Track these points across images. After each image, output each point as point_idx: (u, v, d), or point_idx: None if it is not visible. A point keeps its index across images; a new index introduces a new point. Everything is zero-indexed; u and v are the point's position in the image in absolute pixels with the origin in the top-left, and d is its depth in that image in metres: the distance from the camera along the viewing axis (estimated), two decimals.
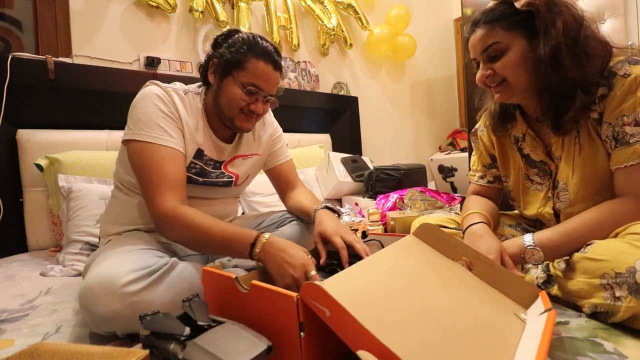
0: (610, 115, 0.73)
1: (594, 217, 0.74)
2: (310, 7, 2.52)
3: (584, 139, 0.79)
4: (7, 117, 1.42)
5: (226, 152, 1.00)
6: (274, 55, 0.91)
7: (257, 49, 0.89)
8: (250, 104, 0.91)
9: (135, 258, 0.72)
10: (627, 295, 0.61)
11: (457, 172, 3.00)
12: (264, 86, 0.90)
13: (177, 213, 0.78)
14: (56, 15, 1.66)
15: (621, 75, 0.72)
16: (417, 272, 0.61)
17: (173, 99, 0.89)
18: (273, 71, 0.91)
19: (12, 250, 1.43)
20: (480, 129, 1.04)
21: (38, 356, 0.41)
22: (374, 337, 0.41)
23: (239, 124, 0.93)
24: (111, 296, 0.64)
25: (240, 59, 0.88)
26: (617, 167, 0.74)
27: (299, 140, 2.44)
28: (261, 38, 0.91)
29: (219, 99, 0.92)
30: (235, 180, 1.01)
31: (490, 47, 0.79)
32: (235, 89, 0.89)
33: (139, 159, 0.83)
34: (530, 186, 0.92)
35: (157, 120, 0.84)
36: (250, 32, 0.93)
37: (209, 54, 0.94)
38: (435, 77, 3.58)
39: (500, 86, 0.82)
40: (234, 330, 0.50)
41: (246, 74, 0.88)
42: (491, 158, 1.02)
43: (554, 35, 0.72)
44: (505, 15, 0.77)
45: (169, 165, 0.82)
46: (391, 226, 1.47)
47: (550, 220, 0.89)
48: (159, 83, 0.90)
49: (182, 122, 0.89)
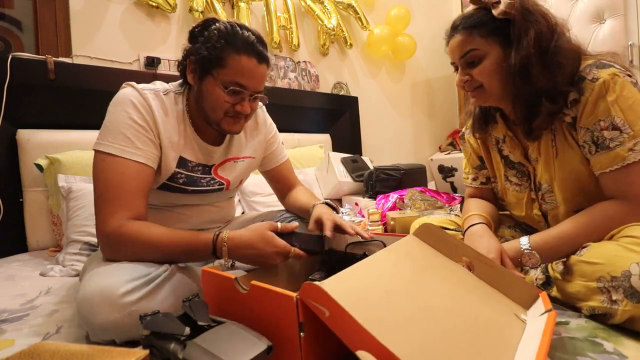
0: (587, 121, 0.74)
1: (587, 220, 0.75)
2: (310, 7, 2.52)
3: (560, 143, 0.80)
4: (7, 117, 1.42)
5: (215, 155, 0.93)
6: (256, 46, 0.81)
7: (236, 41, 0.79)
8: (235, 105, 0.83)
9: (133, 266, 0.70)
10: (623, 299, 0.62)
11: (457, 172, 3.00)
12: (249, 84, 0.81)
13: (122, 231, 0.72)
14: (56, 15, 1.66)
15: (590, 80, 0.73)
16: (417, 272, 0.61)
17: (149, 102, 0.81)
18: (257, 65, 0.81)
19: (12, 250, 1.43)
20: (467, 132, 1.05)
21: (38, 356, 0.41)
22: (373, 338, 0.41)
23: (227, 127, 0.86)
24: (109, 306, 0.63)
25: (218, 56, 0.79)
26: (602, 171, 0.74)
27: (299, 140, 2.44)
28: (241, 27, 0.81)
29: (201, 101, 0.84)
30: (227, 185, 0.97)
31: (468, 54, 0.81)
32: (217, 90, 0.80)
33: (97, 170, 0.77)
34: (509, 187, 0.93)
35: (125, 129, 0.77)
36: (228, 21, 0.82)
37: (186, 49, 0.84)
38: (435, 77, 3.58)
39: (476, 91, 0.84)
40: (234, 330, 0.50)
41: (227, 72, 0.79)
42: (480, 160, 1.03)
43: (525, 46, 0.74)
44: (482, 22, 0.78)
45: (127, 182, 0.75)
46: (391, 226, 1.47)
47: (539, 222, 0.90)
48: (134, 85, 0.83)
49: (157, 131, 0.81)
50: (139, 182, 0.77)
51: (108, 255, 0.75)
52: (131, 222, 0.74)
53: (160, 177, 0.85)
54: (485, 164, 1.01)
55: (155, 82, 0.89)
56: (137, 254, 0.73)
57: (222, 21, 0.82)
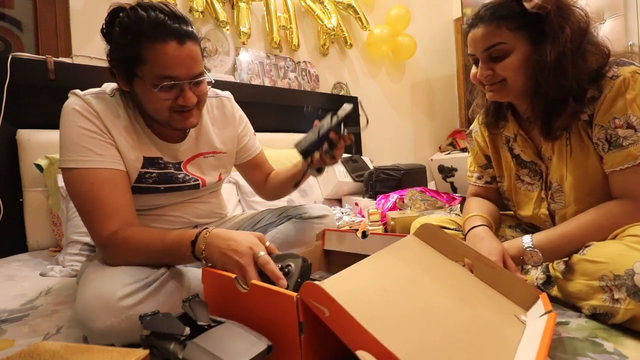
0: (602, 118, 0.73)
1: (592, 219, 0.74)
2: (310, 7, 2.52)
3: (574, 141, 0.79)
4: (7, 117, 1.42)
5: (180, 152, 0.88)
6: (170, 25, 0.69)
7: (144, 28, 0.68)
8: (177, 99, 0.74)
9: (130, 270, 0.69)
10: (626, 297, 0.61)
11: (457, 172, 3.00)
12: (178, 72, 0.71)
13: (116, 239, 0.71)
14: (56, 15, 1.66)
15: (610, 77, 0.72)
16: (417, 272, 0.61)
17: (94, 107, 0.75)
18: (179, 47, 0.70)
19: (12, 250, 1.43)
20: (474, 130, 1.04)
21: (38, 356, 0.41)
22: (373, 337, 0.41)
23: (179, 125, 0.79)
24: (107, 311, 0.62)
25: (133, 52, 0.69)
26: (612, 169, 0.74)
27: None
28: (146, 8, 0.69)
29: (142, 105, 0.78)
30: (202, 183, 0.93)
31: (494, 47, 0.76)
32: (148, 91, 0.72)
33: (69, 188, 0.75)
34: (521, 186, 0.92)
35: (78, 140, 0.73)
36: (131, 7, 0.70)
37: (106, 52, 0.75)
38: (435, 77, 3.58)
39: (496, 85, 0.80)
40: (234, 330, 0.50)
41: (151, 68, 0.70)
42: (486, 158, 1.02)
43: (562, 42, 0.71)
44: (512, 15, 0.74)
45: (99, 190, 0.72)
46: (391, 226, 1.47)
47: (545, 221, 0.89)
48: (77, 92, 0.77)
49: (110, 134, 0.76)
50: (112, 188, 0.74)
51: (109, 262, 0.74)
52: (123, 230, 0.72)
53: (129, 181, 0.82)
54: (492, 162, 1.00)
55: (105, 85, 0.83)
56: (133, 259, 0.72)
57: (126, 8, 0.71)
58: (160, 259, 0.73)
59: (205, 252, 0.66)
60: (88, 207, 0.73)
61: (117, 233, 0.72)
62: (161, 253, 0.71)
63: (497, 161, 0.98)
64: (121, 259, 0.72)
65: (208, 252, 0.65)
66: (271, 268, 0.61)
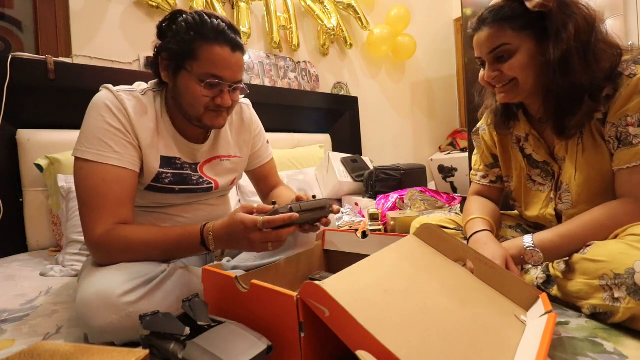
0: (614, 116, 0.73)
1: (593, 219, 0.74)
2: (310, 7, 2.52)
3: (587, 140, 0.78)
4: (7, 117, 1.42)
5: (199, 153, 0.91)
6: (228, 34, 0.78)
7: (206, 30, 0.76)
8: (215, 98, 0.80)
9: (131, 267, 0.69)
10: (626, 296, 0.61)
11: (457, 172, 3.00)
12: (225, 74, 0.78)
13: (110, 237, 0.72)
14: (56, 15, 1.66)
15: (627, 76, 0.71)
16: (417, 272, 0.61)
17: (124, 104, 0.79)
18: (231, 53, 0.78)
19: (12, 250, 1.43)
20: (482, 128, 1.03)
21: (38, 356, 0.41)
22: (373, 337, 0.41)
23: (209, 122, 0.83)
24: (107, 308, 0.62)
25: (189, 48, 0.76)
26: (619, 167, 0.73)
27: (299, 140, 2.44)
28: (209, 16, 0.77)
29: (179, 99, 0.81)
30: (215, 186, 0.95)
31: (499, 48, 0.77)
32: (193, 85, 0.77)
33: (77, 178, 0.76)
34: (532, 187, 0.91)
35: (101, 134, 0.76)
36: (195, 12, 0.78)
37: (156, 46, 0.82)
38: (435, 77, 3.58)
39: (507, 86, 0.80)
40: (234, 330, 0.50)
41: (201, 65, 0.76)
42: (493, 157, 1.01)
43: (565, 40, 0.71)
44: (515, 15, 0.74)
45: (109, 187, 0.74)
46: (391, 226, 1.47)
47: (551, 221, 0.88)
48: (110, 87, 0.81)
49: (135, 133, 0.79)
50: (120, 186, 0.76)
51: (100, 261, 0.74)
52: (118, 227, 0.73)
53: (145, 179, 0.84)
54: (499, 162, 0.99)
55: (137, 83, 0.87)
56: (129, 256, 0.72)
57: (189, 12, 0.79)
58: (162, 255, 0.74)
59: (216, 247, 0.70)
60: (94, 200, 0.74)
61: (112, 232, 0.72)
62: (165, 250, 0.73)
63: (505, 161, 0.97)
64: (116, 256, 0.72)
65: (221, 247, 0.70)
66: (275, 220, 0.66)
